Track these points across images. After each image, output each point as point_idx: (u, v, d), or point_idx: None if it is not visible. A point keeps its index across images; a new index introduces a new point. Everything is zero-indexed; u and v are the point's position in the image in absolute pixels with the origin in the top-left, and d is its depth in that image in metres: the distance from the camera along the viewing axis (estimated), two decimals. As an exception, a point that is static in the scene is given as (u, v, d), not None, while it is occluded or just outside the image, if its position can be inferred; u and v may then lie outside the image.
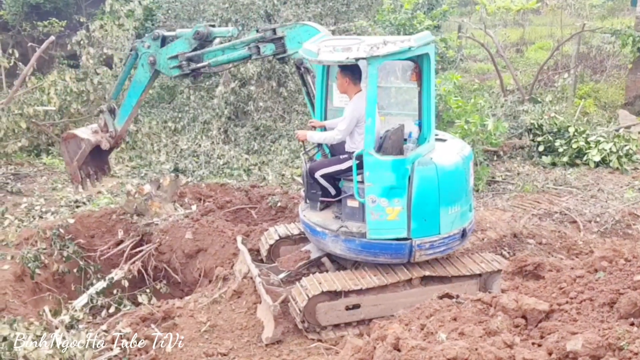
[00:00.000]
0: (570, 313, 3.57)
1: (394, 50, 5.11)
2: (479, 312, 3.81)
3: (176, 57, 6.19)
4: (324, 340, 5.35)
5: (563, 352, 3.05)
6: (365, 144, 5.31)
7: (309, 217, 5.88)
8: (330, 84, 6.03)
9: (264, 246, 6.58)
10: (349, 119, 5.57)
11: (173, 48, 6.23)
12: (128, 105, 6.64)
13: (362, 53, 5.04)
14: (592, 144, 10.26)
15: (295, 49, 5.79)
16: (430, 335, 3.59)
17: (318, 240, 5.82)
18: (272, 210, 8.27)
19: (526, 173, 9.81)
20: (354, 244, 5.55)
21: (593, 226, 7.88)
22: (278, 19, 12.01)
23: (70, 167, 6.69)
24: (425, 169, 5.42)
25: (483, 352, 3.12)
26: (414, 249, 5.52)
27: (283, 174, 9.76)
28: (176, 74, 6.29)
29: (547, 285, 4.08)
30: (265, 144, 11.15)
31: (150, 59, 6.28)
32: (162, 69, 6.31)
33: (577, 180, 9.50)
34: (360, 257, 5.64)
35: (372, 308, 5.52)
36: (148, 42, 6.33)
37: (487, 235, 7.35)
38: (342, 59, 5.12)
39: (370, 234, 5.46)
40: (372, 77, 5.14)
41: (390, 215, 5.41)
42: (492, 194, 9.09)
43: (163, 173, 9.33)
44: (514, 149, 10.65)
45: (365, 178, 5.36)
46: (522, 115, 11.36)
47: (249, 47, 5.95)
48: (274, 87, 11.88)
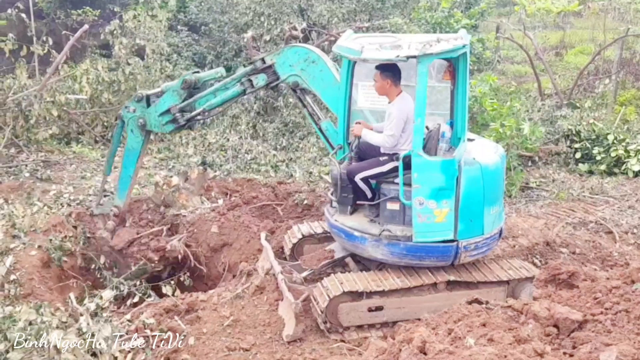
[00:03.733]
0: (604, 324, 3.49)
1: (447, 48, 4.99)
2: (509, 319, 3.76)
3: (167, 112, 6.11)
4: (347, 340, 5.27)
5: None
6: (414, 145, 5.19)
7: (343, 221, 5.70)
8: (355, 84, 5.84)
9: (287, 244, 6.53)
10: (395, 122, 5.45)
11: (162, 104, 6.14)
12: (126, 177, 6.56)
13: (413, 51, 4.91)
14: (632, 152, 10.00)
15: (288, 73, 5.90)
16: (458, 340, 3.53)
17: (356, 245, 5.63)
18: (298, 208, 8.22)
19: (561, 180, 9.63)
20: (398, 247, 5.42)
21: (630, 237, 7.70)
22: (311, 14, 11.92)
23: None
24: (471, 169, 5.33)
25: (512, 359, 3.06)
26: (460, 251, 5.42)
27: (310, 172, 9.69)
28: (171, 129, 6.22)
29: (581, 294, 4.02)
30: (293, 140, 11.10)
31: (140, 122, 6.22)
32: (155, 128, 6.24)
33: (615, 190, 9.28)
34: (404, 261, 5.50)
35: (396, 311, 5.42)
36: (132, 106, 6.26)
37: (518, 242, 7.20)
38: (392, 57, 4.99)
39: (416, 237, 5.34)
40: (423, 76, 4.98)
41: (438, 217, 5.30)
42: (526, 201, 8.92)
43: (191, 166, 9.33)
44: (549, 154, 10.44)
45: (413, 180, 5.22)
46: (559, 120, 11.16)
47: (241, 82, 5.97)
48: (304, 82, 11.81)
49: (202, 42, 13.44)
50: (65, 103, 9.54)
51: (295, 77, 5.92)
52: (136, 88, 10.43)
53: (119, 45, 10.40)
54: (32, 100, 9.06)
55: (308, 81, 5.93)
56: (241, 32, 12.57)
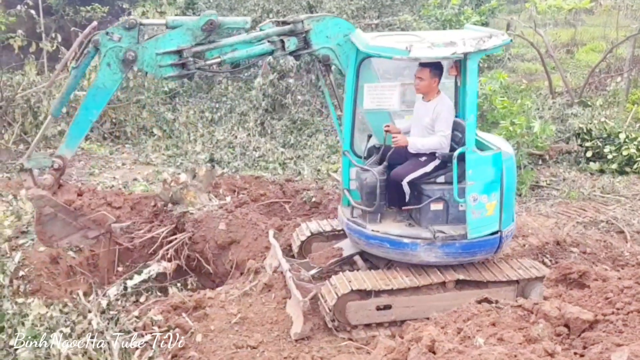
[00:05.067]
0: (615, 324, 3.44)
1: (498, 43, 5.13)
2: (519, 318, 3.71)
3: (174, 52, 5.03)
4: (355, 339, 5.26)
5: None
6: (467, 142, 5.19)
7: (386, 230, 5.52)
8: (361, 86, 5.60)
9: (295, 242, 6.51)
10: (447, 121, 5.45)
11: (168, 42, 5.02)
12: (84, 121, 5.25)
13: (469, 47, 4.96)
14: None
15: (322, 44, 5.37)
16: (467, 339, 3.51)
17: (404, 252, 5.46)
18: (306, 206, 8.19)
19: (572, 179, 9.52)
20: (454, 247, 5.41)
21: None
22: (320, 11, 11.87)
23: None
24: (509, 161, 5.48)
25: (522, 359, 3.04)
26: (502, 241, 5.54)
27: (319, 169, 9.66)
28: (169, 73, 5.12)
29: (592, 294, 3.95)
30: (301, 138, 11.07)
31: (128, 54, 4.97)
32: (147, 67, 5.07)
33: (626, 189, 9.18)
34: (458, 260, 5.53)
35: (404, 309, 5.40)
36: (118, 33, 4.99)
37: (528, 242, 7.17)
38: (448, 54, 4.98)
39: (471, 234, 5.37)
40: (474, 72, 5.11)
41: (489, 210, 5.40)
42: (536, 200, 8.85)
43: (199, 163, 9.32)
44: (560, 153, 10.33)
45: (468, 176, 5.23)
46: (570, 118, 11.04)
47: (272, 41, 5.24)
48: (313, 80, 11.78)
49: (210, 39, 13.40)
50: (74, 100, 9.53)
51: (329, 50, 5.43)
52: (144, 85, 10.43)
53: (128, 42, 10.37)
54: (41, 97, 9.08)
55: (341, 59, 5.49)
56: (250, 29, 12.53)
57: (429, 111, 5.51)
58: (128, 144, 10.53)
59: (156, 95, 11.20)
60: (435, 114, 5.45)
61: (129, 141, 10.60)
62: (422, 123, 5.59)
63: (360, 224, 5.64)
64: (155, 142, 10.50)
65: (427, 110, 5.53)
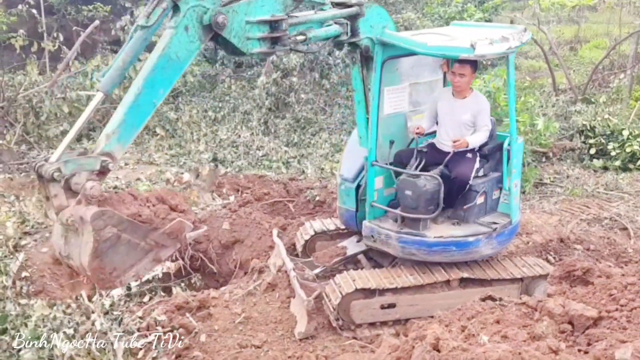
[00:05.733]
0: (619, 321, 3.45)
1: (529, 37, 5.54)
2: (523, 316, 3.72)
3: (264, 22, 4.08)
4: (359, 338, 5.25)
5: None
6: (512, 132, 5.55)
7: (449, 233, 5.46)
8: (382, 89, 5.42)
9: (299, 241, 6.49)
10: (488, 114, 5.59)
11: (259, 7, 4.03)
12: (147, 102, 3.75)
13: (517, 42, 5.23)
14: None
15: (367, 33, 4.92)
16: (472, 337, 3.51)
17: (469, 251, 5.46)
18: (310, 205, 8.19)
19: (576, 176, 9.51)
20: (504, 235, 5.69)
21: None
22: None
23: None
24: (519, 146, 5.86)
25: (527, 357, 3.02)
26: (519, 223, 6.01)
27: (322, 168, 9.64)
28: (256, 49, 4.11)
29: (596, 291, 4.00)
30: (305, 136, 11.06)
31: (219, 18, 3.78)
32: (235, 38, 3.95)
33: (630, 186, 9.17)
34: (505, 246, 5.96)
35: (408, 308, 5.38)
36: None
37: (532, 239, 7.16)
38: (504, 50, 5.14)
39: (514, 219, 5.75)
40: (513, 65, 5.53)
41: (519, 195, 5.93)
42: (540, 197, 8.84)
43: (202, 162, 9.31)
44: (564, 150, 10.32)
45: (513, 165, 5.59)
46: (574, 116, 11.06)
47: (340, 23, 4.64)
48: (316, 78, 11.76)
49: (213, 39, 13.40)
50: (76, 99, 9.54)
51: (369, 41, 5.03)
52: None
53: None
54: (43, 97, 9.08)
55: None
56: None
57: (467, 108, 5.53)
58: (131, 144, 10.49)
59: (159, 94, 11.14)
60: (476, 110, 5.52)
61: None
62: (460, 120, 5.55)
63: (418, 234, 5.41)
64: (158, 141, 10.48)
65: (464, 107, 5.54)
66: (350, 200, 5.86)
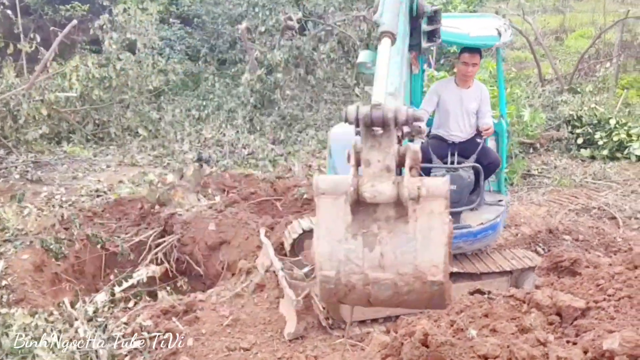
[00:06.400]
0: (607, 311, 3.43)
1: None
2: (512, 308, 3.68)
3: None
4: (349, 337, 5.14)
5: (599, 351, 2.93)
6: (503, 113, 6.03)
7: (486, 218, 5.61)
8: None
9: (287, 239, 6.38)
10: (489, 101, 5.83)
11: None
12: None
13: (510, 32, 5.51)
14: (634, 136, 9.95)
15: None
16: (460, 331, 3.47)
17: (497, 232, 5.75)
18: (298, 202, 8.08)
19: (563, 167, 9.57)
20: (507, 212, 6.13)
21: (633, 223, 7.69)
22: (307, 4, 11.72)
23: None
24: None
25: (515, 350, 3.00)
26: None
27: (310, 165, 9.55)
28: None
29: (584, 282, 3.93)
30: (291, 133, 10.95)
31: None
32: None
33: (618, 175, 9.25)
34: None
35: (399, 305, 5.30)
36: None
37: (521, 231, 7.14)
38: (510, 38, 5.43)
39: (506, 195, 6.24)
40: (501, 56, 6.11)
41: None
42: (527, 188, 8.87)
43: (186, 162, 9.18)
44: (551, 141, 10.38)
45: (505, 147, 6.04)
46: (560, 106, 11.09)
47: None
48: (301, 74, 11.64)
49: (195, 35, 13.28)
50: (54, 101, 9.36)
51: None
52: (128, 84, 10.25)
53: (109, 40, 10.21)
54: (21, 100, 8.89)
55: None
56: (235, 24, 12.42)
57: (473, 96, 5.68)
58: (112, 145, 10.34)
59: (140, 94, 11.00)
60: (481, 97, 5.71)
61: (113, 142, 10.41)
62: (468, 109, 5.68)
63: (464, 226, 5.51)
64: (140, 142, 10.33)
65: (470, 96, 5.67)
66: None
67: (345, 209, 2.20)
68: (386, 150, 2.21)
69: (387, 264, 2.17)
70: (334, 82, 11.53)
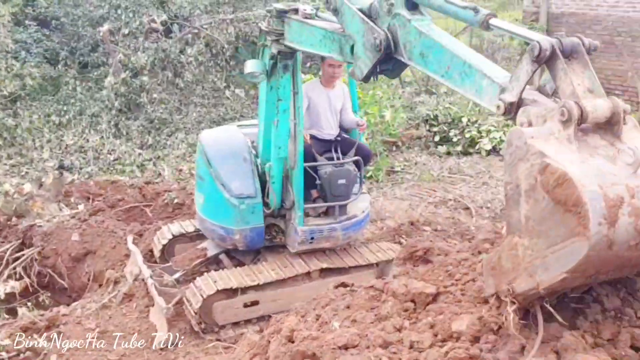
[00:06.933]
0: (455, 294, 3.57)
1: None
2: (372, 298, 3.77)
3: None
4: (223, 339, 5.20)
5: (448, 332, 3.07)
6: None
7: (360, 205, 5.91)
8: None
9: (157, 246, 6.28)
10: (350, 100, 6.02)
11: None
12: None
13: None
14: (484, 133, 10.64)
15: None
16: (325, 324, 3.55)
17: (367, 222, 6.07)
18: (169, 208, 7.94)
19: (423, 163, 10.06)
20: None
21: (484, 212, 8.21)
22: (172, 6, 11.49)
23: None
24: None
25: (373, 337, 3.11)
26: None
27: (180, 169, 9.40)
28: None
29: (435, 269, 4.06)
30: (160, 137, 10.69)
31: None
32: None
33: (470, 169, 9.86)
34: None
35: (272, 304, 5.42)
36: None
37: (386, 224, 7.49)
38: None
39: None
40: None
41: None
42: (392, 184, 9.26)
43: (46, 171, 8.67)
44: (411, 139, 10.90)
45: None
46: (418, 106, 11.70)
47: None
48: (169, 77, 11.39)
49: (54, 38, 12.48)
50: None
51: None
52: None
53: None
54: None
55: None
56: (97, 26, 11.84)
57: (338, 96, 5.87)
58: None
59: (-7, 99, 10.21)
60: (345, 96, 5.93)
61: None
62: (336, 108, 5.88)
63: (354, 216, 5.78)
64: (-7, 151, 9.59)
65: (336, 95, 5.86)
66: (257, 218, 5.57)
67: (569, 136, 2.16)
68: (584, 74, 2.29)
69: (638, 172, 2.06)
70: (203, 85, 11.42)
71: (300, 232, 5.50)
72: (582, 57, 2.37)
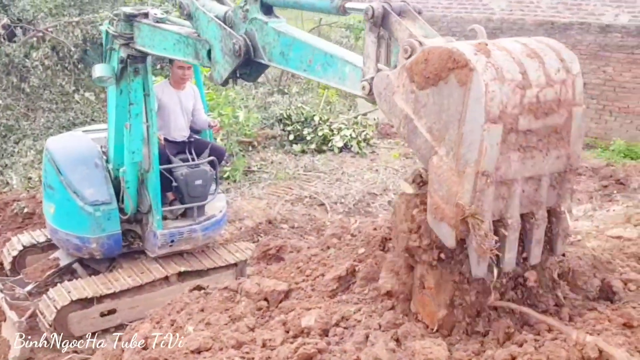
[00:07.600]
0: (306, 290, 3.69)
1: None
2: (226, 300, 3.81)
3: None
4: (80, 350, 5.18)
5: (299, 328, 3.17)
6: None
7: (217, 205, 6.06)
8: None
9: (7, 258, 6.08)
10: (201, 101, 6.21)
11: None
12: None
13: None
14: (335, 131, 11.15)
15: None
16: (180, 329, 3.55)
17: (225, 221, 6.21)
18: (19, 218, 7.62)
19: (279, 161, 10.31)
20: None
21: (339, 207, 8.64)
22: (14, 9, 10.80)
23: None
24: None
25: (225, 339, 3.16)
26: None
27: (30, 177, 8.98)
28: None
29: (287, 266, 4.17)
30: (7, 145, 10.07)
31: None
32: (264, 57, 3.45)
33: (324, 166, 10.26)
34: None
35: (129, 311, 5.46)
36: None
37: (244, 224, 7.66)
38: None
39: None
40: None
41: None
42: (249, 184, 9.45)
43: None
44: (267, 139, 11.13)
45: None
46: (272, 106, 11.91)
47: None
48: (14, 82, 10.72)
49: None
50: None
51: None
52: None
53: None
54: None
55: None
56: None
57: (189, 97, 6.01)
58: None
59: None
60: (195, 97, 6.09)
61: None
62: (188, 109, 6.03)
63: (213, 215, 5.87)
64: None
65: (187, 96, 6.00)
66: (113, 224, 5.52)
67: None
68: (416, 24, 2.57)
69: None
70: (50, 89, 10.89)
71: (159, 236, 5.53)
72: (412, 13, 2.61)
